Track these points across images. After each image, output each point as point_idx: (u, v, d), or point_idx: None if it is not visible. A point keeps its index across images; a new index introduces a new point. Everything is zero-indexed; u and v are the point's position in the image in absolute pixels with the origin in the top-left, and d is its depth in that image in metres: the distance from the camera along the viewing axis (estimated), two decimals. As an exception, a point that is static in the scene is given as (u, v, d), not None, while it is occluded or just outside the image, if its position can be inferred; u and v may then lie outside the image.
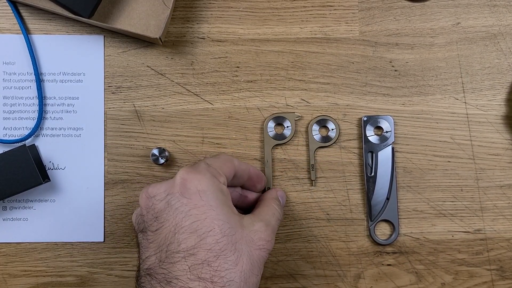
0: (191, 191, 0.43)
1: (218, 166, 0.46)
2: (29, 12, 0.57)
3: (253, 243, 0.44)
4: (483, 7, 0.58)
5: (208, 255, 0.41)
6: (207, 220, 0.42)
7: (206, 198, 0.43)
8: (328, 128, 0.57)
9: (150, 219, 0.44)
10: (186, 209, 0.42)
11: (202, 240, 0.41)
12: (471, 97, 0.58)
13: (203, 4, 0.58)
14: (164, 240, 0.42)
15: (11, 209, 0.57)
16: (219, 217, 0.42)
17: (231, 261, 0.42)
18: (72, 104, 0.57)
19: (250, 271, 0.43)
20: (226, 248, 0.42)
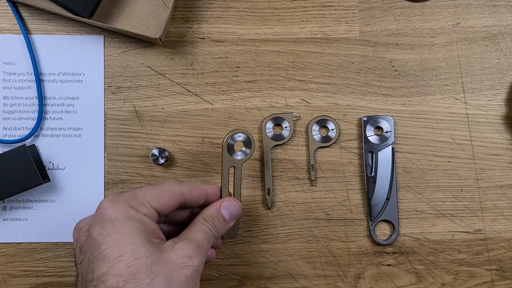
0: (105, 219, 0.43)
1: (148, 198, 0.45)
2: (29, 12, 0.57)
3: (173, 262, 0.43)
4: (483, 7, 0.58)
5: (117, 281, 0.40)
6: (118, 246, 0.42)
7: (118, 225, 0.42)
8: (328, 128, 0.57)
9: (78, 252, 0.44)
10: (100, 238, 0.42)
11: (112, 266, 0.41)
12: (471, 97, 0.58)
13: (203, 4, 0.58)
14: (84, 271, 0.42)
15: (11, 209, 0.57)
16: (132, 241, 0.42)
17: (144, 284, 0.41)
18: (72, 104, 0.57)
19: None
20: (139, 271, 0.41)
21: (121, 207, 0.43)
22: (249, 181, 0.58)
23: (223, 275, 0.57)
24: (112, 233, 0.42)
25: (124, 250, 0.41)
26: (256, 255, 0.57)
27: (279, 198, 0.58)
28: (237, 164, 0.51)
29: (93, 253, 0.42)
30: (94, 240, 0.42)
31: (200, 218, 0.48)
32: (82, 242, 0.44)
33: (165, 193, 0.46)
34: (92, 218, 0.44)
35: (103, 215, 0.43)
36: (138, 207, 0.44)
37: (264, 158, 0.57)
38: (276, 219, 0.58)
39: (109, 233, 0.42)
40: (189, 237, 0.45)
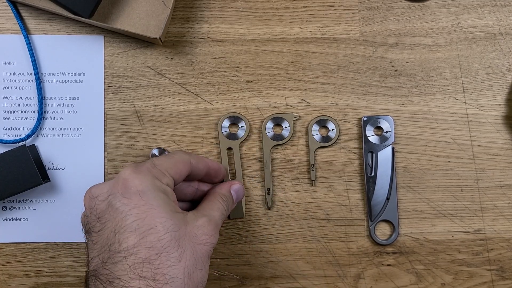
0: (131, 191, 0.43)
1: (166, 167, 0.46)
2: (29, 12, 0.57)
3: (197, 238, 0.44)
4: (483, 7, 0.58)
5: (149, 253, 0.41)
6: (148, 218, 0.42)
7: (146, 198, 0.43)
8: (328, 128, 0.57)
9: (93, 219, 0.44)
10: (126, 209, 0.42)
11: (143, 238, 0.41)
12: (471, 97, 0.58)
13: (203, 4, 0.58)
14: (106, 241, 0.42)
15: (11, 209, 0.57)
16: (161, 214, 0.42)
17: (174, 258, 0.42)
18: (72, 104, 0.57)
19: (194, 266, 0.43)
20: (169, 245, 0.42)
21: (147, 178, 0.43)
22: (249, 181, 0.58)
23: (223, 275, 0.57)
24: (140, 205, 0.42)
25: (154, 223, 0.42)
26: (256, 255, 0.57)
27: (279, 198, 0.58)
28: (234, 145, 0.57)
29: (119, 224, 0.42)
30: (119, 211, 0.42)
31: (217, 196, 0.50)
32: (100, 211, 0.43)
33: (179, 163, 0.47)
34: (112, 187, 0.44)
35: (129, 186, 0.43)
36: (160, 177, 0.45)
37: (264, 158, 0.57)
38: (276, 219, 0.58)
39: (136, 205, 0.42)
40: (209, 215, 0.47)
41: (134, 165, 0.45)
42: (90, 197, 0.44)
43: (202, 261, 0.44)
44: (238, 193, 0.53)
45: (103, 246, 0.42)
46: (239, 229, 0.58)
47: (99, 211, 0.43)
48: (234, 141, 0.57)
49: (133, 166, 0.45)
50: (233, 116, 0.57)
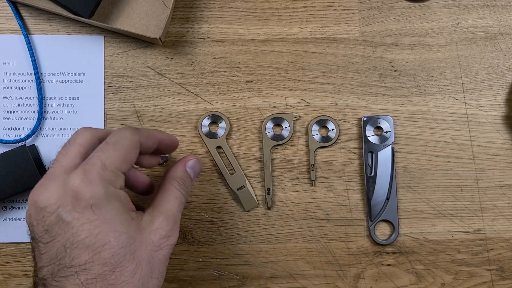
0: (82, 204, 0.39)
1: (117, 165, 0.42)
2: (29, 12, 0.57)
3: (153, 244, 0.42)
4: (483, 7, 0.58)
5: (103, 269, 0.39)
6: (101, 234, 0.39)
7: (98, 211, 0.39)
8: (328, 128, 0.57)
9: (41, 231, 0.40)
10: (78, 224, 0.39)
11: (96, 255, 0.39)
12: (471, 97, 0.58)
13: (203, 4, 0.58)
14: (56, 254, 0.40)
15: (11, 209, 0.57)
16: (115, 228, 0.40)
17: (129, 272, 0.40)
18: (72, 104, 0.57)
19: (149, 276, 0.41)
20: (124, 259, 0.40)
21: (98, 188, 0.40)
22: (249, 181, 0.58)
23: (223, 275, 0.57)
24: (92, 219, 0.39)
25: (107, 238, 0.39)
26: (256, 255, 0.57)
27: (279, 198, 0.58)
28: (221, 142, 0.57)
29: (70, 240, 0.39)
30: (70, 226, 0.39)
31: (173, 182, 0.46)
32: (49, 223, 0.40)
33: (129, 152, 0.43)
34: (61, 197, 0.40)
35: (79, 199, 0.39)
36: (113, 180, 0.41)
37: (264, 158, 0.57)
38: (276, 219, 0.58)
39: (88, 219, 0.39)
40: (165, 211, 0.44)
41: (82, 169, 0.40)
42: (36, 207, 0.41)
43: (159, 269, 0.42)
44: (194, 169, 0.49)
45: (52, 259, 0.40)
46: (239, 229, 0.58)
47: (48, 224, 0.40)
48: (218, 139, 0.57)
49: (81, 170, 0.40)
50: (213, 114, 0.57)
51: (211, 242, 0.57)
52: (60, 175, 0.41)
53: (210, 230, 0.58)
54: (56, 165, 0.42)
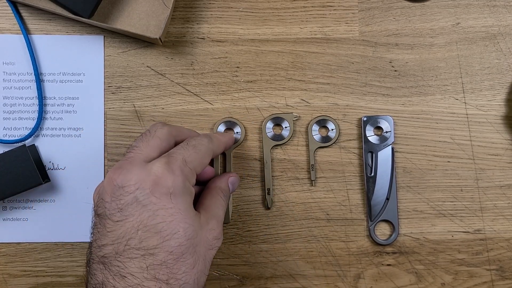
0: (162, 191, 0.42)
1: (196, 165, 0.45)
2: (29, 12, 0.57)
3: (208, 243, 0.44)
4: (483, 7, 0.58)
5: (168, 257, 0.41)
6: (173, 222, 0.41)
7: (176, 201, 0.42)
8: (328, 128, 0.57)
9: (114, 208, 0.42)
10: (154, 208, 0.41)
11: (165, 241, 0.41)
12: (471, 97, 0.58)
13: (203, 4, 0.58)
14: (124, 234, 0.41)
15: (11, 209, 0.57)
16: (185, 220, 0.42)
17: (189, 264, 0.42)
18: (72, 104, 0.57)
19: (202, 272, 0.43)
20: (187, 251, 0.42)
21: (179, 179, 0.42)
22: (249, 181, 0.58)
23: (223, 275, 0.57)
24: (168, 207, 0.41)
25: (177, 228, 0.41)
26: (256, 255, 0.57)
27: (279, 198, 0.58)
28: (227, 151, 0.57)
29: (143, 222, 0.41)
30: (146, 209, 0.41)
31: (219, 192, 0.49)
32: (125, 203, 0.41)
33: (206, 157, 0.47)
34: (141, 180, 0.42)
35: (160, 185, 0.42)
36: (190, 177, 0.44)
37: (264, 158, 0.57)
38: (276, 219, 0.58)
39: (164, 206, 0.41)
40: (216, 216, 0.46)
41: (166, 160, 0.43)
42: (115, 185, 0.42)
43: (208, 267, 0.44)
44: (234, 185, 0.52)
45: (119, 237, 0.41)
46: (239, 229, 0.58)
47: (123, 203, 0.42)
48: None
49: (165, 160, 0.43)
50: (229, 120, 0.57)
51: (211, 242, 0.57)
52: (141, 162, 0.44)
53: (210, 230, 0.58)
54: (137, 151, 0.45)
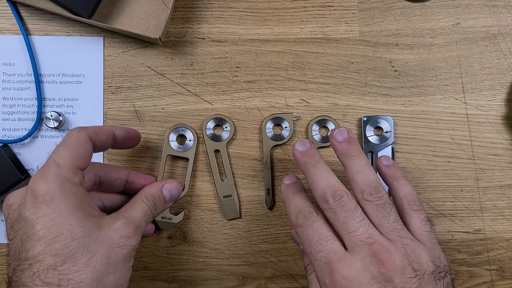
0: (39, 200, 0.42)
1: (71, 162, 0.44)
2: (29, 12, 0.57)
3: (112, 241, 0.43)
4: (483, 8, 0.58)
5: (55, 260, 0.41)
6: (55, 226, 0.41)
7: (54, 205, 0.42)
8: (328, 128, 0.57)
9: (8, 227, 0.43)
10: (34, 218, 0.42)
11: (48, 246, 0.41)
12: (471, 97, 0.58)
13: (203, 4, 0.58)
14: (16, 249, 0.42)
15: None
16: (70, 222, 0.42)
17: (82, 263, 0.41)
18: (71, 105, 0.57)
19: (105, 271, 0.42)
20: (77, 251, 0.41)
21: (54, 184, 0.42)
22: (249, 181, 0.58)
23: (223, 275, 0.57)
24: (48, 213, 0.41)
25: (61, 231, 0.41)
26: (256, 255, 0.57)
27: (279, 198, 0.58)
28: (221, 146, 0.57)
29: (26, 233, 0.42)
30: (27, 220, 0.42)
31: (142, 196, 0.48)
32: (13, 220, 0.43)
33: (80, 149, 0.45)
34: (23, 196, 0.43)
35: (36, 195, 0.42)
36: (70, 176, 0.43)
37: (264, 158, 0.57)
38: (276, 219, 0.58)
39: (44, 214, 0.42)
40: (129, 216, 0.46)
41: (41, 170, 0.43)
42: (5, 206, 0.44)
43: (116, 264, 0.43)
44: (171, 192, 0.51)
45: (14, 254, 0.42)
46: (239, 229, 0.58)
47: (12, 220, 0.43)
48: (219, 142, 0.57)
49: (39, 171, 0.43)
50: (217, 117, 0.57)
51: (211, 242, 0.57)
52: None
53: (210, 230, 0.58)
54: None
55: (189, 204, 0.58)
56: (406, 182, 0.47)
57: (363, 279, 0.39)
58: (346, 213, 0.43)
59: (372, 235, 0.41)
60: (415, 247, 0.42)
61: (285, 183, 0.49)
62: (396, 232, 0.42)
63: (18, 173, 0.54)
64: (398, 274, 0.40)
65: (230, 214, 0.57)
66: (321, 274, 0.41)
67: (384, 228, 0.43)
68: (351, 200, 0.43)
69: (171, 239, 0.57)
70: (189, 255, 0.57)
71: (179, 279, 0.57)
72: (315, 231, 0.43)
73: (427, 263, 0.41)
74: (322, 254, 0.42)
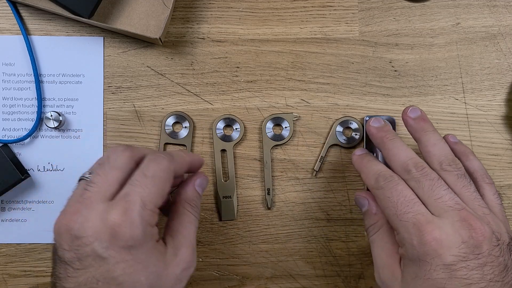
0: (120, 245, 0.39)
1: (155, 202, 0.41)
2: (29, 12, 0.57)
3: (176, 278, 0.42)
4: (483, 7, 0.58)
5: None
6: (134, 273, 0.40)
7: (135, 253, 0.40)
8: (351, 129, 0.57)
9: (73, 257, 0.40)
10: (113, 262, 0.39)
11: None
12: (471, 97, 0.58)
13: (203, 4, 0.58)
14: (85, 282, 0.40)
15: (10, 210, 0.57)
16: (147, 269, 0.40)
17: None
18: (71, 105, 0.57)
19: None
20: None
21: (139, 230, 0.40)
22: (249, 181, 0.58)
23: (223, 275, 0.57)
24: (127, 259, 0.39)
25: (138, 277, 0.40)
26: (256, 255, 0.57)
27: (279, 198, 0.58)
28: (228, 147, 0.57)
29: (103, 275, 0.39)
30: (105, 262, 0.39)
31: (186, 206, 0.46)
32: (84, 253, 0.39)
33: (166, 186, 0.43)
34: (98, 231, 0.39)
35: (118, 238, 0.39)
36: (151, 220, 0.41)
37: (264, 158, 0.57)
38: (276, 219, 0.58)
39: (123, 259, 0.39)
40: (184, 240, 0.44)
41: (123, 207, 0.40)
42: (71, 234, 0.40)
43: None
44: (202, 186, 0.48)
45: (81, 284, 0.40)
46: (239, 229, 0.58)
47: (82, 254, 0.39)
48: (228, 143, 0.57)
49: (121, 208, 0.40)
50: (228, 117, 0.57)
51: (211, 242, 0.58)
52: (98, 204, 0.40)
53: (210, 230, 0.58)
54: (94, 189, 0.41)
55: (189, 204, 0.58)
56: (475, 158, 0.49)
57: (453, 243, 0.40)
58: (431, 181, 0.43)
59: (459, 202, 0.42)
60: (493, 217, 0.43)
61: (357, 154, 0.51)
62: (477, 201, 0.43)
63: (18, 173, 0.54)
64: (487, 241, 0.40)
65: (227, 215, 0.57)
66: (408, 235, 0.42)
67: (465, 197, 0.43)
68: (433, 171, 0.45)
69: (171, 239, 0.57)
70: (189, 255, 0.57)
71: (179, 279, 0.57)
72: (400, 193, 0.43)
73: (505, 234, 0.42)
74: (410, 215, 0.42)
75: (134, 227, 0.39)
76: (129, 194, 0.41)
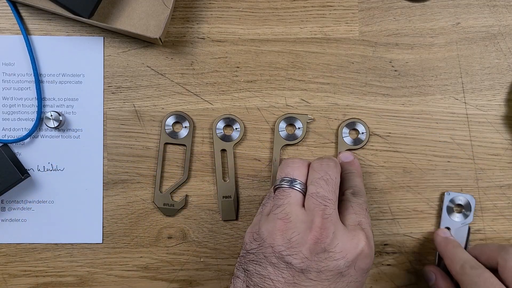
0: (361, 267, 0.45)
1: None
2: (29, 12, 0.57)
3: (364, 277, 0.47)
4: (483, 7, 0.58)
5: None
6: None
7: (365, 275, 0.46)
8: (358, 131, 0.57)
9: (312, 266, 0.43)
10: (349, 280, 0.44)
11: None
12: (471, 97, 0.58)
13: (203, 4, 0.58)
14: None
15: (10, 210, 0.57)
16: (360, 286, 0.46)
17: None
18: (71, 105, 0.57)
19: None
20: None
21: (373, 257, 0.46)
22: (249, 181, 0.58)
23: (223, 275, 0.57)
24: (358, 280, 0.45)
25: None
26: (256, 255, 0.57)
27: (279, 198, 0.58)
28: (228, 147, 0.57)
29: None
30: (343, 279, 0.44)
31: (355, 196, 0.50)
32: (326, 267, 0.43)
33: None
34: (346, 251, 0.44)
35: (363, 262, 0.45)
36: None
37: (274, 156, 0.57)
38: (276, 219, 0.58)
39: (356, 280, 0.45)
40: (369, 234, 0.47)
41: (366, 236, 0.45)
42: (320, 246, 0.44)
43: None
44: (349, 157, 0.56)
45: None
46: (239, 229, 0.58)
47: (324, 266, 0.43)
48: (228, 143, 0.57)
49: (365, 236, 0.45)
50: (228, 117, 0.57)
51: (211, 242, 0.57)
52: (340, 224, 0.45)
53: (210, 230, 0.58)
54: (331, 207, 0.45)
55: (189, 204, 0.58)
56: None
57: None
58: None
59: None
60: None
61: (442, 236, 0.55)
62: None
63: (18, 173, 0.54)
64: None
65: (227, 215, 0.57)
66: None
67: None
68: None
69: (171, 239, 0.57)
70: (189, 255, 0.57)
71: (179, 279, 0.57)
72: (487, 280, 0.47)
73: None
74: None
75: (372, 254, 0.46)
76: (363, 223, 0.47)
